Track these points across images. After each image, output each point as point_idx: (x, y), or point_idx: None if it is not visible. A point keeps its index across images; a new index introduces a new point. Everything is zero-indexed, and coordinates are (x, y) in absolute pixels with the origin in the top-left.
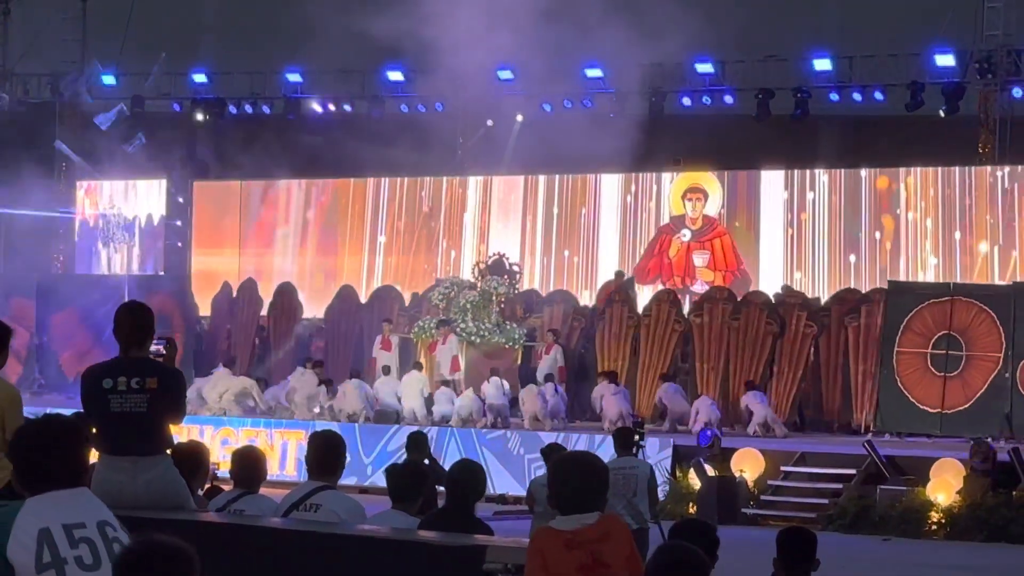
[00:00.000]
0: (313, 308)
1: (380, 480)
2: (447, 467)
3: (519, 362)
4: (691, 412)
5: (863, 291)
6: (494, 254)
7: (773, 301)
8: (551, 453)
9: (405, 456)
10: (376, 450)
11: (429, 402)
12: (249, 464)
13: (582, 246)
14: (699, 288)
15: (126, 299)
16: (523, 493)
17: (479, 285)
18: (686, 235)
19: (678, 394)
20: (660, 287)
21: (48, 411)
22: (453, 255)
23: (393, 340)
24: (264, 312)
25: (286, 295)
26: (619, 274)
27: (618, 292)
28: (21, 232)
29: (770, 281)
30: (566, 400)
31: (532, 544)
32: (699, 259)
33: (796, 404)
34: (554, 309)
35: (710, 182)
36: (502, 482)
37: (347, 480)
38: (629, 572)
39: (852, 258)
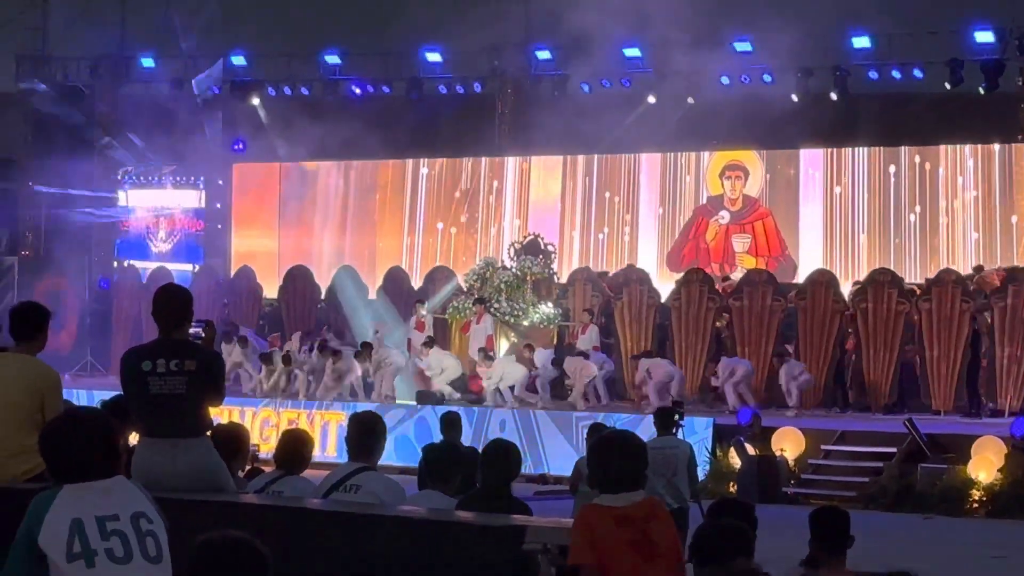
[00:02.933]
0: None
1: None
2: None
3: (555, 342)
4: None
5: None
6: (529, 234)
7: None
8: (593, 432)
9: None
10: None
11: (462, 382)
12: (293, 446)
13: (617, 226)
14: (738, 276)
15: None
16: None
17: (513, 266)
18: (724, 217)
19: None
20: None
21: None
22: (493, 235)
23: (427, 321)
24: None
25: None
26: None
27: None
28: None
29: (810, 263)
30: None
31: (580, 520)
32: (739, 244)
33: (895, 383)
34: (575, 288)
35: (751, 159)
36: (555, 451)
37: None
38: (674, 553)
39: (893, 237)
